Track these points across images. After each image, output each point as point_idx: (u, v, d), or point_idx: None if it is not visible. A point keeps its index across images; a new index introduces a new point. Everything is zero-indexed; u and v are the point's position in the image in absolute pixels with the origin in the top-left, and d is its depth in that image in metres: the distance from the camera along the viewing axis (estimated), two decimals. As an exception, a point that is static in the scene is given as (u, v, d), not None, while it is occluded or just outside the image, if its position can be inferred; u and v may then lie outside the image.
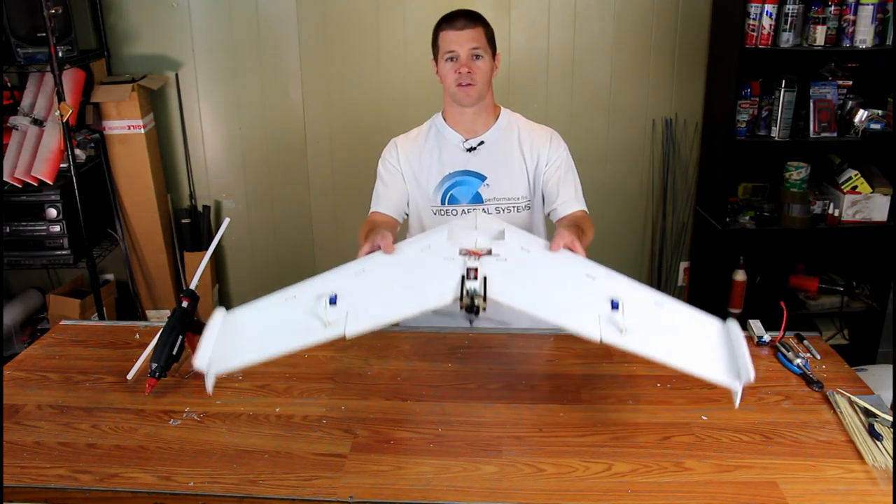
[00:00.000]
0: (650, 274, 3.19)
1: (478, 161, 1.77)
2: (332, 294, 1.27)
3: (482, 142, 1.77)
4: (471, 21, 1.70)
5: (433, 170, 1.78)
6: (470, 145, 1.77)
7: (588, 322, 1.22)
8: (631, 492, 1.19)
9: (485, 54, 1.70)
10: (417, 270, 1.36)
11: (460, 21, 1.69)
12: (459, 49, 1.68)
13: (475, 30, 1.69)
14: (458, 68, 1.68)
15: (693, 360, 1.22)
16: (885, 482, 1.20)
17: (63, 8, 2.54)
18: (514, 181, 1.78)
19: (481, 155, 1.77)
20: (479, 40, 1.69)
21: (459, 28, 1.68)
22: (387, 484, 1.21)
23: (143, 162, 2.82)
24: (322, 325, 1.25)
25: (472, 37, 1.69)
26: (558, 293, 1.32)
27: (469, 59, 1.69)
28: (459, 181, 1.77)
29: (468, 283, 1.24)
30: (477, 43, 1.69)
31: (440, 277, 1.29)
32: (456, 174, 1.77)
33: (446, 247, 1.36)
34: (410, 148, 1.81)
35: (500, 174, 1.77)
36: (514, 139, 1.79)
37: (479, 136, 1.78)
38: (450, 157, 1.77)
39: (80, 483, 1.22)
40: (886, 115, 2.68)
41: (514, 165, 1.78)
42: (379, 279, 1.35)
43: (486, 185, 1.76)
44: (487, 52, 1.71)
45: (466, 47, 1.68)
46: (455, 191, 1.77)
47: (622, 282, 1.34)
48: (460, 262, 1.30)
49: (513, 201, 1.78)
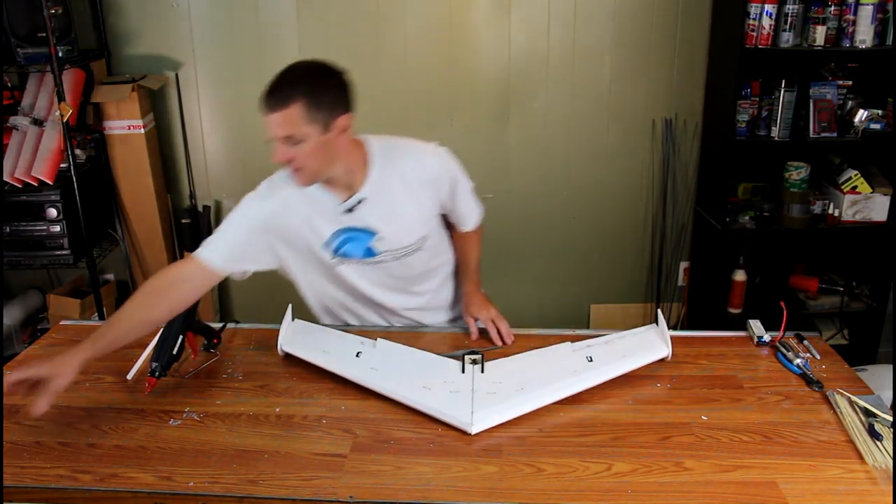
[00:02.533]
0: (650, 274, 3.19)
1: (362, 217, 1.58)
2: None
3: (360, 199, 1.56)
4: (281, 101, 1.38)
5: (311, 235, 1.59)
6: (348, 206, 1.56)
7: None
8: (631, 492, 1.19)
9: (305, 137, 1.40)
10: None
11: (270, 101, 1.39)
12: (273, 134, 1.41)
13: (285, 112, 1.38)
14: (274, 158, 1.44)
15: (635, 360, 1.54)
16: (885, 482, 1.20)
17: (63, 8, 2.54)
18: (408, 227, 1.62)
19: (364, 211, 1.57)
20: (290, 124, 1.39)
21: (268, 110, 1.40)
22: (387, 484, 1.21)
23: (143, 162, 2.82)
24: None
25: (280, 122, 1.39)
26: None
27: (285, 147, 1.42)
28: (348, 237, 1.59)
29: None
30: (288, 130, 1.39)
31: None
32: (339, 233, 1.59)
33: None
34: (280, 211, 1.56)
35: (391, 226, 1.60)
36: (396, 185, 1.58)
37: (356, 192, 1.55)
38: (329, 218, 1.57)
39: (80, 483, 1.22)
40: (886, 115, 2.68)
41: (405, 211, 1.60)
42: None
43: (377, 239, 1.61)
44: (311, 131, 1.40)
45: (278, 133, 1.40)
46: (346, 248, 1.61)
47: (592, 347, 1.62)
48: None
49: (411, 247, 1.65)
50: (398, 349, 1.62)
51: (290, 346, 1.61)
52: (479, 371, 1.51)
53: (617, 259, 3.17)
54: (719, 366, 1.59)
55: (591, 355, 1.55)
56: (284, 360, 1.62)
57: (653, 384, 1.52)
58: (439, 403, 1.40)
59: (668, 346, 1.58)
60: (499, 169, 3.02)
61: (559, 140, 2.99)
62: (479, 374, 1.50)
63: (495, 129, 2.97)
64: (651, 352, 1.57)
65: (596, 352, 1.57)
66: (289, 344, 1.62)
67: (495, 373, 1.51)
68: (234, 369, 1.58)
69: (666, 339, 1.59)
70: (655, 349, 1.58)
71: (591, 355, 1.55)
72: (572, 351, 1.59)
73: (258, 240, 1.58)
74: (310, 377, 1.55)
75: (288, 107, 1.38)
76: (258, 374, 1.56)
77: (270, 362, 1.61)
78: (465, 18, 2.83)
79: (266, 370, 1.58)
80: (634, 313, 3.23)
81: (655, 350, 1.57)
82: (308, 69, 1.45)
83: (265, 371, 1.58)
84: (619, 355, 1.55)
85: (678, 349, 1.61)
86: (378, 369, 1.51)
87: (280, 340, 1.61)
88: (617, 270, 3.19)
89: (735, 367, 1.58)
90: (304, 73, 1.43)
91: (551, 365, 1.54)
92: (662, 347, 1.58)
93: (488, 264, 3.16)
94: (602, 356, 1.55)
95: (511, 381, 1.47)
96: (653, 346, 1.59)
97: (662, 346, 1.58)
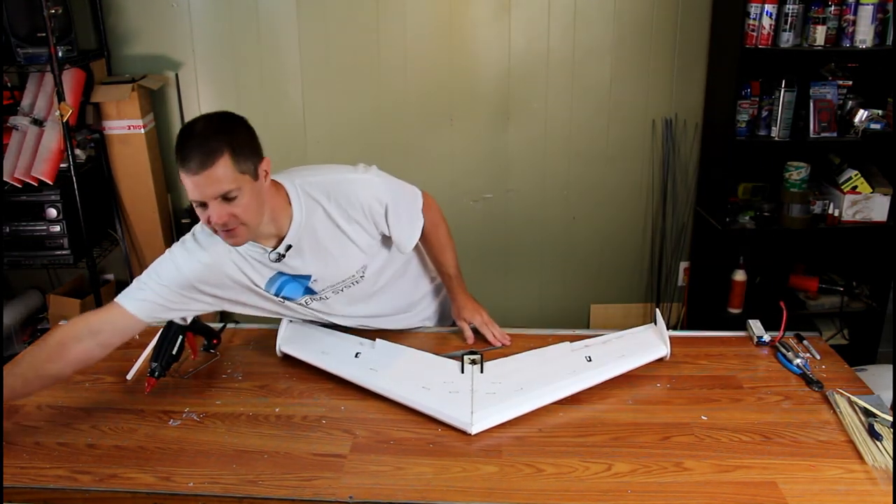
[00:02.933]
0: (650, 274, 3.19)
1: (292, 265, 1.49)
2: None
3: (289, 246, 1.46)
4: (207, 158, 1.26)
5: (248, 282, 1.50)
6: (276, 255, 1.47)
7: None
8: (631, 492, 1.19)
9: (242, 186, 1.30)
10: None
11: (194, 162, 1.26)
12: (204, 197, 1.29)
13: (214, 168, 1.26)
14: (212, 217, 1.31)
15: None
16: (885, 482, 1.20)
17: (63, 8, 2.54)
18: (344, 263, 1.54)
19: (293, 257, 1.48)
20: (224, 180, 1.28)
21: (194, 172, 1.27)
22: (386, 484, 1.21)
23: (144, 162, 2.82)
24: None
25: (213, 180, 1.27)
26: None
27: (222, 206, 1.30)
28: (283, 282, 1.53)
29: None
30: (223, 186, 1.28)
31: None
32: (273, 280, 1.52)
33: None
34: (210, 269, 1.46)
35: (326, 267, 1.52)
36: (322, 225, 1.48)
37: (282, 238, 1.46)
38: (259, 269, 1.50)
39: (80, 483, 1.22)
40: (886, 115, 2.68)
41: (337, 250, 1.51)
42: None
43: (313, 280, 1.54)
44: (244, 182, 1.30)
45: (212, 193, 1.29)
46: (284, 291, 1.55)
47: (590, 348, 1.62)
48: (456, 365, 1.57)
49: (350, 279, 1.57)
50: (397, 349, 1.62)
51: (289, 347, 1.61)
52: (478, 371, 1.51)
53: (617, 259, 3.16)
54: (719, 366, 1.59)
55: (590, 355, 1.55)
56: (284, 360, 1.62)
57: (652, 384, 1.52)
58: (439, 404, 1.40)
59: (666, 345, 1.58)
60: (499, 169, 3.01)
61: (559, 141, 2.99)
62: (478, 374, 1.50)
63: (495, 129, 2.97)
64: (650, 351, 1.57)
65: (595, 352, 1.57)
66: (287, 345, 1.62)
67: (494, 373, 1.51)
68: (233, 369, 1.59)
69: (664, 338, 1.59)
70: (654, 349, 1.58)
71: (590, 355, 1.55)
72: (571, 351, 1.59)
73: (187, 293, 1.47)
74: (309, 377, 1.55)
75: (216, 162, 1.27)
76: (258, 375, 1.56)
77: (270, 362, 1.62)
78: (466, 19, 2.83)
79: (265, 370, 1.59)
80: (634, 313, 3.23)
81: (654, 350, 1.58)
82: (217, 122, 1.33)
83: (265, 371, 1.58)
84: (617, 355, 1.55)
85: (678, 349, 1.61)
86: (377, 370, 1.51)
87: (278, 341, 1.61)
88: (617, 270, 3.18)
89: (735, 368, 1.58)
90: (216, 127, 1.32)
91: (550, 365, 1.54)
92: (661, 347, 1.58)
93: (489, 264, 3.18)
94: (601, 356, 1.55)
95: (510, 381, 1.47)
96: (651, 345, 1.59)
97: (661, 346, 1.58)
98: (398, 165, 3.01)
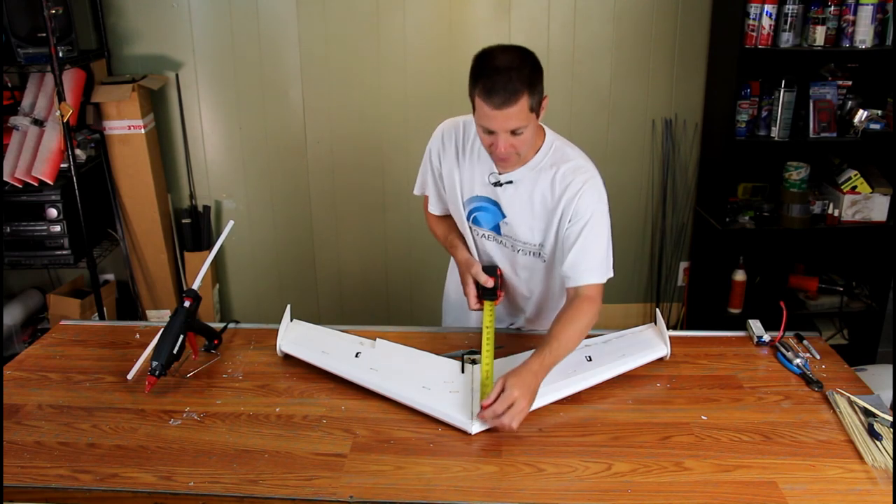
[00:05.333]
0: (650, 274, 3.19)
1: (502, 195, 1.59)
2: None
3: (511, 181, 1.57)
4: (512, 96, 1.38)
5: (464, 185, 1.64)
6: (496, 180, 1.58)
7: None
8: (631, 492, 1.20)
9: (528, 124, 1.43)
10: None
11: (498, 97, 1.38)
12: (497, 129, 1.42)
13: (516, 106, 1.39)
14: (496, 146, 1.45)
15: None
16: (885, 482, 1.20)
17: (63, 8, 2.54)
18: (531, 226, 1.60)
19: (507, 192, 1.58)
20: (520, 117, 1.40)
21: (497, 107, 1.38)
22: (387, 484, 1.22)
23: (144, 162, 2.82)
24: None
25: (511, 117, 1.40)
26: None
27: (508, 138, 1.44)
28: (483, 206, 1.63)
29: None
30: (518, 122, 1.41)
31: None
32: (480, 199, 1.63)
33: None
34: (453, 151, 1.64)
35: (520, 217, 1.60)
36: (545, 182, 1.56)
37: (509, 171, 1.57)
38: (479, 180, 1.61)
39: (81, 483, 1.22)
40: (886, 115, 2.68)
41: (535, 211, 1.58)
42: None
43: (505, 222, 1.62)
44: (531, 120, 1.44)
45: (506, 127, 1.42)
46: (478, 214, 1.65)
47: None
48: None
49: (528, 245, 1.63)
50: (397, 349, 1.62)
51: (289, 347, 1.61)
52: (478, 371, 1.51)
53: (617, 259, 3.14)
54: (719, 366, 1.59)
55: (591, 355, 1.56)
56: (284, 360, 1.62)
57: (652, 384, 1.52)
58: (439, 403, 1.40)
59: (666, 345, 1.58)
60: (499, 169, 3.02)
61: (559, 140, 2.99)
62: (478, 374, 1.50)
63: (495, 129, 2.97)
64: (650, 351, 1.57)
65: (595, 351, 1.57)
66: (288, 345, 1.62)
67: (495, 373, 1.51)
68: (234, 369, 1.59)
69: (665, 338, 1.59)
70: (654, 348, 1.58)
71: (591, 355, 1.56)
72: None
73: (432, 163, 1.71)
74: (310, 377, 1.55)
75: (518, 101, 1.38)
76: (258, 374, 1.57)
77: (270, 362, 1.62)
78: (466, 19, 2.83)
79: (266, 370, 1.59)
80: (634, 313, 3.23)
81: (654, 349, 1.58)
82: (520, 58, 1.42)
83: (265, 371, 1.58)
84: (618, 355, 1.55)
85: (678, 349, 1.61)
86: (377, 370, 1.51)
87: (279, 341, 1.62)
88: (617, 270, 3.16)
89: (735, 367, 1.58)
90: (520, 63, 1.40)
91: None
92: (661, 347, 1.58)
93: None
94: (601, 356, 1.55)
95: None
96: (651, 345, 1.59)
97: (661, 346, 1.59)
98: (398, 165, 3.03)
